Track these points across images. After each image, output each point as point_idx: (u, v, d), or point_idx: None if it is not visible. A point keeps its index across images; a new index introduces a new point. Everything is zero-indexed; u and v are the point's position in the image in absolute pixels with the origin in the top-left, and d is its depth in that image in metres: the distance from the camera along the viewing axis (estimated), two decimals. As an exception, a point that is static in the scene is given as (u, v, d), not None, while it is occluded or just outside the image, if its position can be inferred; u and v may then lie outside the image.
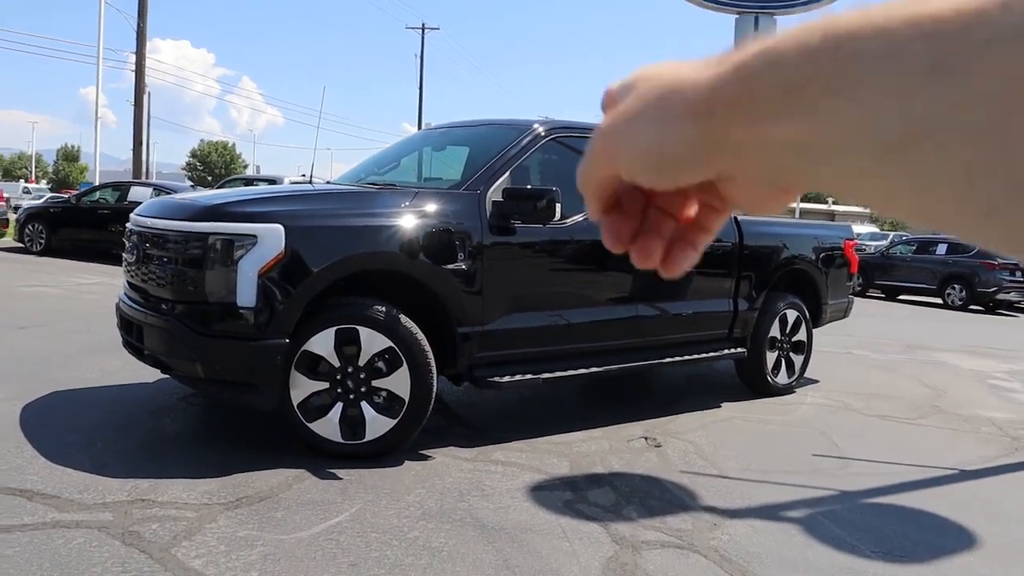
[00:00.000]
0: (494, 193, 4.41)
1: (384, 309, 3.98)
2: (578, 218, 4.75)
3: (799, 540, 3.40)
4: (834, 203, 67.96)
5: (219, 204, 3.99)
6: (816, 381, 6.90)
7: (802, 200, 44.83)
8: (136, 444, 4.05)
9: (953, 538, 3.58)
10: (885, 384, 7.16)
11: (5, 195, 13.98)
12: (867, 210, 64.90)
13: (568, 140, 5.02)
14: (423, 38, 47.36)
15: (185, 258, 3.87)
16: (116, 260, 8.62)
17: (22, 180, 59.17)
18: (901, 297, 19.65)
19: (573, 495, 3.74)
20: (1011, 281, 17.84)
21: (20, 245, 15.43)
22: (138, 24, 25.59)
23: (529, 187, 4.44)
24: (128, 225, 4.46)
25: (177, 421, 4.51)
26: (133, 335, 4.20)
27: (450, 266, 4.19)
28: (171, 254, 3.95)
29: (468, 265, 4.24)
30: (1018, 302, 18.96)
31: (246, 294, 3.73)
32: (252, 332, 3.74)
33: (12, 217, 14.86)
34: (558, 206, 4.28)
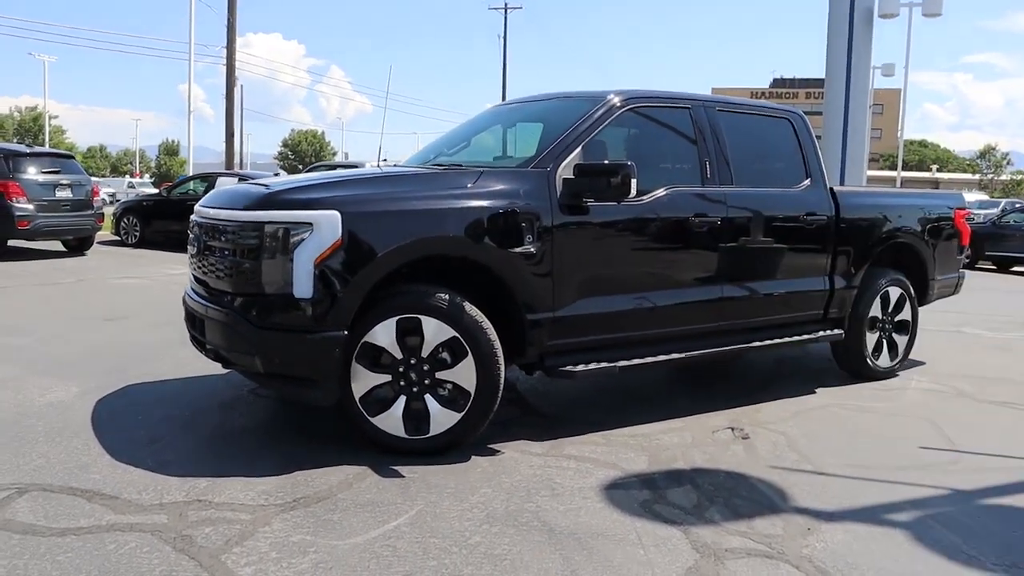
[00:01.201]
0: (565, 170, 4.13)
1: (447, 297, 3.76)
2: (658, 194, 4.43)
3: (906, 549, 3.03)
4: (939, 170, 64.61)
5: (275, 192, 3.84)
6: (922, 363, 6.38)
7: (904, 168, 42.59)
8: (200, 440, 3.98)
9: (1088, 546, 3.14)
10: (1001, 367, 6.55)
11: (101, 191, 14.42)
12: (975, 176, 61.33)
13: (648, 111, 4.69)
14: (506, 17, 47.13)
15: (242, 248, 3.74)
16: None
17: (127, 175, 61.90)
18: (1015, 269, 18.39)
19: (651, 494, 3.46)
20: None
21: (116, 238, 15.97)
22: (228, 19, 26.17)
23: (601, 162, 4.13)
24: (192, 216, 4.38)
25: (243, 415, 4.43)
26: (197, 328, 4.12)
27: (517, 249, 3.94)
28: (228, 245, 3.82)
29: (537, 248, 3.98)
30: None
31: (303, 285, 3.57)
32: (310, 324, 3.59)
33: (108, 211, 15.38)
34: (633, 182, 3.97)
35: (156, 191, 22.48)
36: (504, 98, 45.73)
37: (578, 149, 4.24)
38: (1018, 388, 5.79)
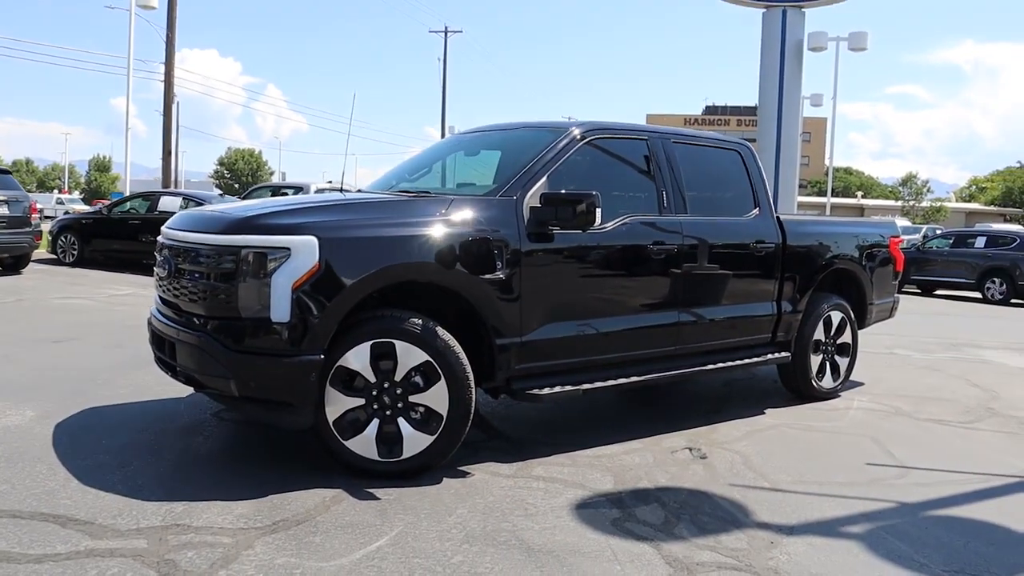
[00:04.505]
0: (531, 199, 4.28)
1: (420, 322, 3.85)
2: (618, 223, 4.60)
3: (863, 559, 3.22)
4: (863, 197, 67.03)
5: (251, 216, 3.88)
6: (861, 384, 6.69)
7: (834, 194, 44.13)
8: (170, 464, 3.97)
9: (1025, 555, 3.38)
10: (933, 386, 6.92)
11: (38, 206, 13.98)
12: (897, 203, 63.85)
13: (607, 142, 4.87)
14: (446, 41, 47.45)
15: (217, 272, 3.77)
16: (147, 270, 8.59)
17: (55, 191, 60.03)
18: (938, 292, 19.23)
19: (620, 513, 3.59)
20: (1053, 274, 17.38)
21: (53, 257, 15.55)
22: (167, 35, 25.77)
23: (567, 191, 4.29)
24: (159, 238, 4.38)
25: (209, 439, 4.42)
26: (165, 351, 4.11)
27: (487, 276, 4.05)
28: (203, 268, 3.85)
29: (506, 274, 4.10)
30: (1061, 295, 18.50)
31: (280, 309, 3.62)
32: (286, 348, 3.63)
33: (44, 228, 14.93)
34: (598, 211, 4.13)
35: (91, 208, 21.90)
36: (443, 121, 45.97)
37: (543, 178, 4.38)
38: (951, 406, 6.12)
